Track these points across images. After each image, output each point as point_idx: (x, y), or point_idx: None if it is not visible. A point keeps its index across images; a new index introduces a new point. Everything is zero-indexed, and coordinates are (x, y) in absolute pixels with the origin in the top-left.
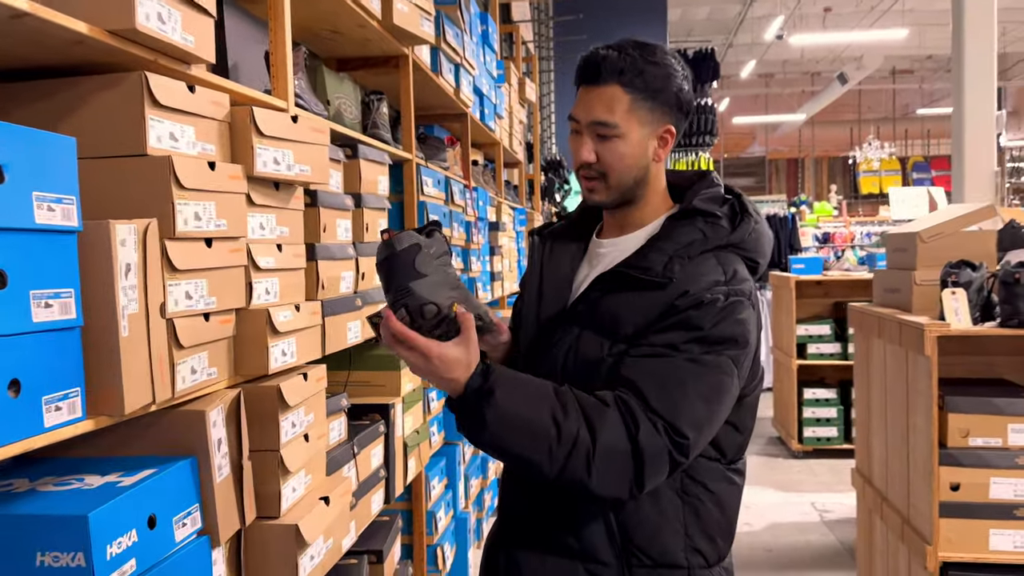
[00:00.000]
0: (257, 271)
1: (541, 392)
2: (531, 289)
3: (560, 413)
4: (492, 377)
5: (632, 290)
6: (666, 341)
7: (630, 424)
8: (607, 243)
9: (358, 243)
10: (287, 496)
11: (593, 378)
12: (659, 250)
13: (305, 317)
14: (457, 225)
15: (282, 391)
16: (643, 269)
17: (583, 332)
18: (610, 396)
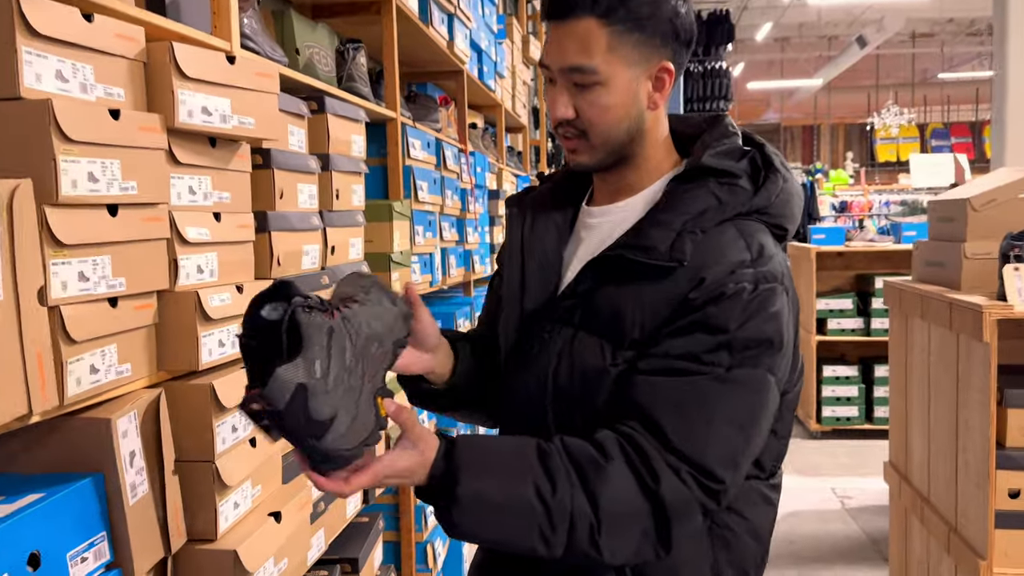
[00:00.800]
0: (184, 245)
1: (518, 463)
2: (512, 274)
3: (546, 485)
4: (454, 462)
5: (633, 278)
6: (684, 350)
7: (644, 476)
8: (597, 212)
9: (326, 212)
10: (226, 515)
11: (595, 393)
12: (662, 224)
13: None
14: (451, 193)
15: (216, 390)
16: (644, 250)
17: (578, 333)
18: (612, 440)
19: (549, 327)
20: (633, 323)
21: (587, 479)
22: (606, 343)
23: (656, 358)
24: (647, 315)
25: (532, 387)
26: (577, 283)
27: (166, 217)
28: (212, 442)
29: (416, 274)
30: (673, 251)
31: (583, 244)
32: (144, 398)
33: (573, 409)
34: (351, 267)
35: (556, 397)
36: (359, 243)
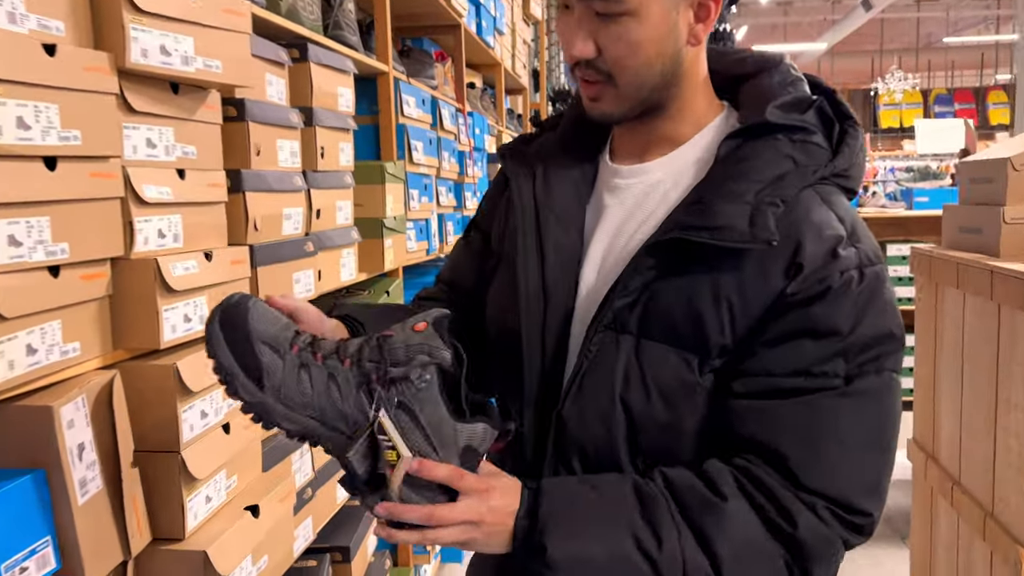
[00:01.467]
0: (141, 206)
1: (615, 512)
2: (526, 255)
3: (649, 539)
4: (540, 518)
5: (704, 267)
6: (790, 365)
7: (774, 516)
8: (626, 172)
9: (310, 172)
10: (195, 511)
11: (682, 416)
12: (732, 195)
13: (220, 268)
14: (448, 155)
15: (180, 371)
16: (717, 230)
17: (642, 343)
18: (724, 474)
19: (599, 336)
20: (719, 326)
21: (700, 523)
22: (688, 354)
23: (758, 377)
24: (736, 314)
25: (592, 417)
26: (630, 276)
27: (119, 173)
28: (177, 430)
29: (411, 241)
30: (756, 229)
31: (608, 212)
32: (95, 381)
33: (654, 439)
34: (339, 233)
35: (631, 427)
36: (348, 207)
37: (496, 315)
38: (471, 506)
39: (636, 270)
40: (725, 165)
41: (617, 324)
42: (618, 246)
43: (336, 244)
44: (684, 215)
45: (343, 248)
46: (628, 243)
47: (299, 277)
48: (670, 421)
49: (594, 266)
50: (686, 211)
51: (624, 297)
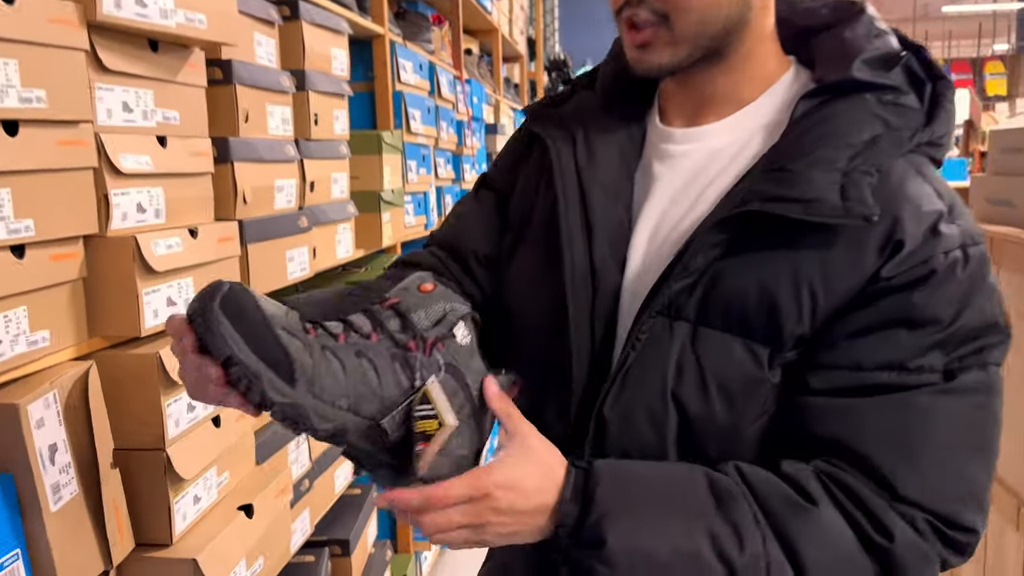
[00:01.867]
0: (117, 177)
1: (686, 504)
2: (570, 227)
3: (730, 538)
4: (594, 502)
5: (784, 244)
6: (881, 358)
7: (866, 527)
8: (681, 136)
9: (303, 141)
10: (183, 513)
11: (744, 416)
12: (821, 161)
13: (207, 246)
14: (446, 124)
15: (164, 360)
16: (804, 202)
17: (699, 330)
18: (809, 476)
19: (648, 323)
20: (796, 313)
21: (785, 528)
22: (756, 344)
23: (841, 371)
24: (818, 300)
25: (638, 417)
26: (692, 255)
27: (91, 140)
28: (161, 425)
29: (409, 215)
30: (849, 202)
31: (660, 183)
32: (69, 374)
33: (711, 443)
34: (334, 207)
35: (684, 429)
36: (344, 179)
37: (526, 300)
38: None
39: (700, 248)
40: (805, 127)
41: (672, 309)
42: (671, 221)
43: (331, 219)
44: (764, 184)
45: (339, 223)
46: (684, 218)
47: (292, 255)
48: (730, 422)
49: (642, 244)
50: (766, 179)
51: (683, 278)
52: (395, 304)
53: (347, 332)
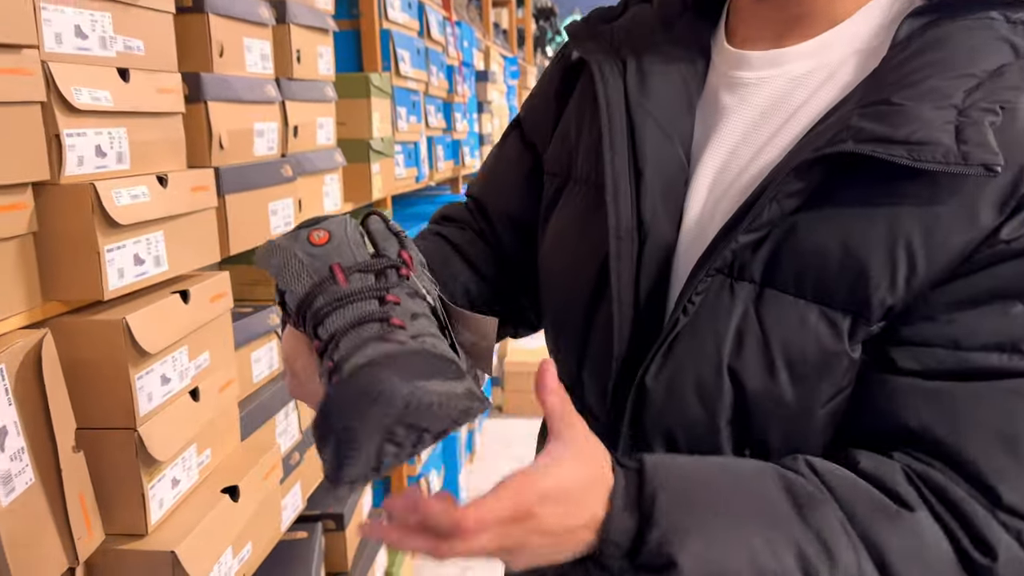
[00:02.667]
0: (71, 114)
1: (764, 508)
2: (615, 171)
3: (817, 553)
4: (658, 511)
5: (880, 195)
6: (989, 337)
7: (961, 539)
8: (757, 60)
9: (284, 80)
10: (159, 499)
11: (813, 396)
12: (931, 93)
13: (178, 196)
14: (436, 69)
15: (131, 327)
16: (917, 146)
17: (765, 293)
18: (897, 475)
19: (705, 282)
20: (889, 277)
21: (876, 539)
22: (835, 312)
23: (937, 349)
24: (917, 262)
25: (685, 390)
26: (764, 205)
27: (37, 68)
28: (131, 401)
29: (400, 166)
30: (966, 146)
31: (728, 118)
32: (18, 344)
33: (772, 426)
34: (320, 155)
35: (740, 408)
36: (329, 124)
37: (564, 256)
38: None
39: (774, 196)
40: (911, 53)
41: (734, 268)
42: (738, 165)
43: (318, 168)
44: (861, 121)
45: (326, 173)
46: (754, 161)
47: (276, 207)
48: (798, 402)
49: (702, 192)
50: (863, 115)
51: (751, 232)
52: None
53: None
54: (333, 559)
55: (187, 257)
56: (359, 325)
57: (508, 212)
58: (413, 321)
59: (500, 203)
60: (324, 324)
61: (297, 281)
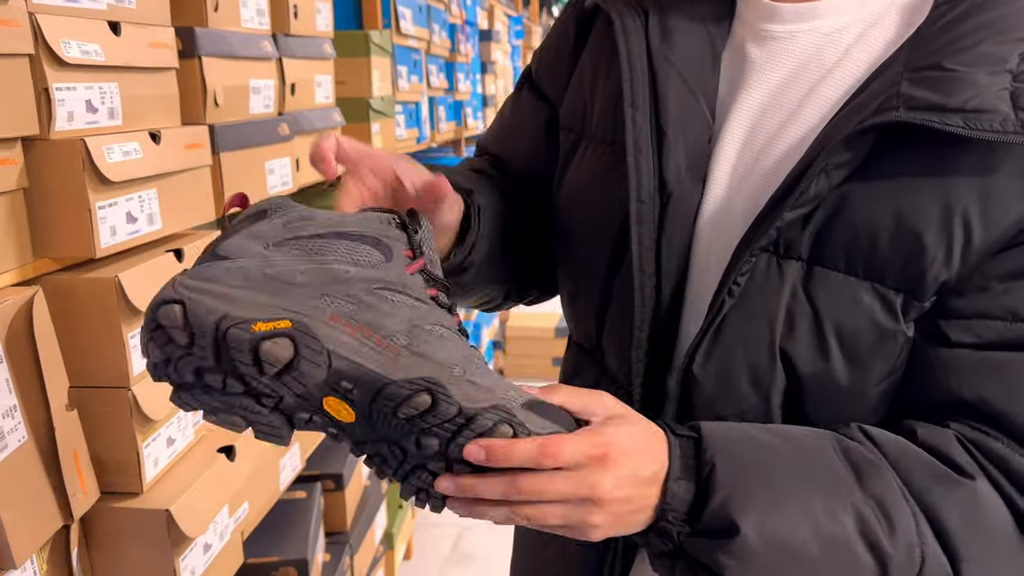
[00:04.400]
0: (61, 67)
1: (824, 474)
2: (636, 131)
3: (876, 519)
4: (718, 477)
5: (933, 166)
6: None
7: (1022, 507)
8: (789, 12)
9: (281, 36)
10: (154, 458)
11: (867, 374)
12: (986, 57)
13: (172, 153)
14: (438, 27)
15: (123, 285)
16: (973, 114)
17: (818, 273)
18: (953, 445)
19: (751, 262)
20: (945, 251)
21: (936, 507)
22: (888, 289)
23: (994, 321)
24: (973, 234)
25: (737, 376)
26: (811, 178)
27: (24, 21)
28: (125, 360)
29: (400, 127)
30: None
31: (756, 75)
32: (10, 302)
33: (825, 407)
34: (318, 114)
35: (794, 391)
36: (328, 83)
37: (580, 220)
38: (589, 441)
39: (823, 168)
40: (960, 13)
41: (780, 246)
42: (770, 126)
43: (315, 127)
44: (913, 86)
45: (324, 133)
46: (788, 124)
47: (272, 167)
48: (852, 383)
49: (730, 155)
50: (915, 80)
51: (798, 207)
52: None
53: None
54: (332, 519)
55: (181, 216)
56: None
57: (530, 169)
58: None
59: (519, 159)
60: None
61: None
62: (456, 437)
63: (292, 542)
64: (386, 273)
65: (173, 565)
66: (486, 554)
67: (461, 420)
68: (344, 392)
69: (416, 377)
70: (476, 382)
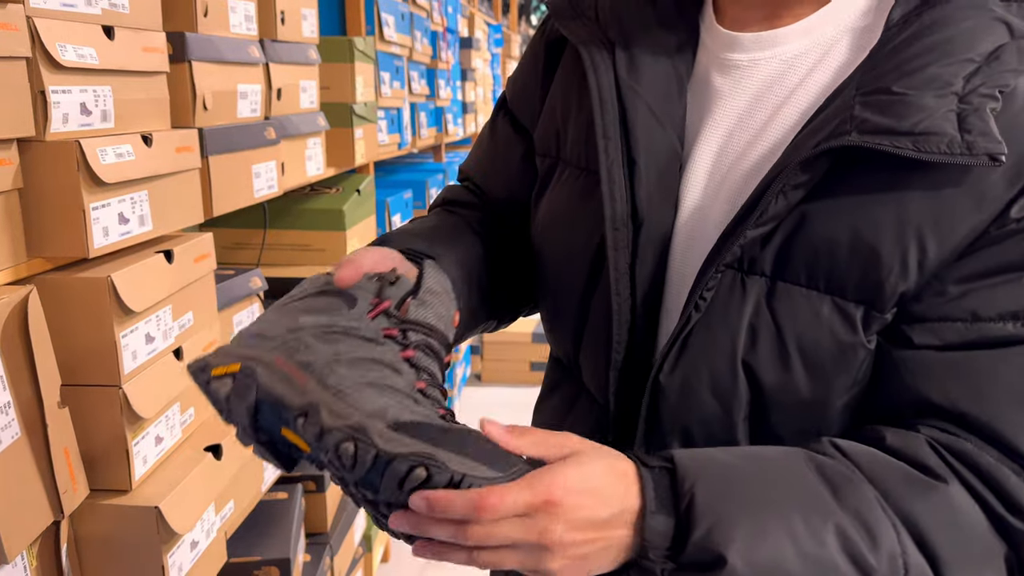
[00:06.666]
0: (56, 70)
1: (801, 494)
2: (609, 158)
3: (858, 535)
4: (698, 507)
5: (885, 184)
6: (1002, 307)
7: (993, 504)
8: (750, 42)
9: (268, 41)
10: (143, 455)
11: (830, 388)
12: (932, 80)
13: (163, 155)
14: (420, 34)
15: (117, 285)
16: (922, 137)
17: (781, 289)
18: (922, 448)
19: (716, 278)
20: (901, 265)
21: (912, 513)
22: (848, 303)
23: (954, 323)
24: (927, 248)
25: (700, 387)
26: (771, 198)
27: (22, 24)
28: (116, 359)
29: (382, 132)
30: (971, 135)
31: (720, 102)
32: (5, 300)
33: (788, 420)
34: (303, 119)
35: (757, 403)
36: (313, 88)
37: (557, 244)
38: (530, 487)
39: (781, 189)
40: (907, 36)
41: (744, 262)
42: (735, 150)
43: (301, 132)
44: (865, 111)
45: (309, 137)
46: (751, 147)
47: (259, 170)
48: (815, 396)
49: (700, 180)
50: (866, 105)
51: (759, 226)
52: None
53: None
54: (313, 520)
55: (171, 217)
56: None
57: (508, 198)
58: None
59: (499, 190)
60: (426, 342)
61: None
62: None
63: (274, 542)
64: (340, 319)
65: (161, 561)
66: None
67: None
68: (293, 424)
69: (305, 403)
70: (391, 418)
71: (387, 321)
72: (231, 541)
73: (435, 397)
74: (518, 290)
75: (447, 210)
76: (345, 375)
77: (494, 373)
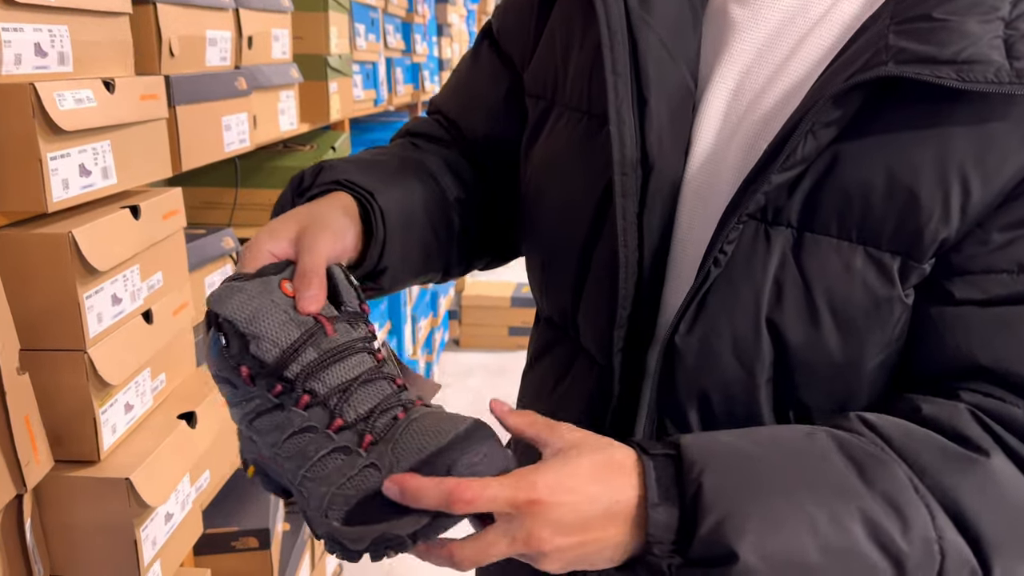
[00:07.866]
0: (6, 6)
1: (821, 478)
2: (617, 96)
3: (886, 519)
4: (706, 499)
5: (925, 121)
6: None
7: None
8: None
9: None
10: (112, 424)
11: (862, 347)
12: (973, 6)
13: (127, 103)
14: None
15: (78, 241)
16: (965, 65)
17: (809, 239)
18: (964, 417)
19: (736, 230)
20: (943, 209)
21: (951, 492)
22: (883, 253)
23: (1000, 275)
24: (972, 190)
25: (721, 349)
26: (798, 139)
27: None
28: (80, 321)
29: (358, 87)
30: (1020, 62)
31: (737, 35)
32: None
33: (817, 383)
34: (275, 70)
35: (782, 365)
36: (285, 37)
37: (555, 192)
38: (513, 484)
39: (810, 128)
40: None
41: (768, 212)
42: (753, 88)
43: (273, 83)
44: (901, 38)
45: (281, 89)
46: (772, 84)
47: (229, 123)
48: (846, 356)
49: (714, 120)
50: (902, 32)
51: (785, 170)
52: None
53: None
54: None
55: (137, 170)
56: (370, 382)
57: (488, 134)
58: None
59: (478, 125)
60: (319, 377)
61: (282, 330)
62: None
63: (252, 512)
64: (241, 400)
65: (134, 535)
66: None
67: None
68: None
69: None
70: (339, 513)
71: (262, 379)
72: (207, 511)
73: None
74: (473, 241)
75: (411, 143)
76: (289, 469)
77: (472, 338)
